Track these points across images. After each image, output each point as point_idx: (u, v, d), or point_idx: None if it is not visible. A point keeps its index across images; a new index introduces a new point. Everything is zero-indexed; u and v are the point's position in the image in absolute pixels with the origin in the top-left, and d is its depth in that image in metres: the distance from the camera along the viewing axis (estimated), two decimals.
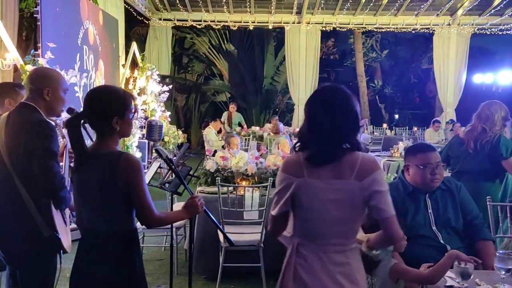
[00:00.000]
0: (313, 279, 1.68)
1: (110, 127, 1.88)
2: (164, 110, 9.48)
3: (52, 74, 2.47)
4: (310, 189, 1.68)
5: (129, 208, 1.88)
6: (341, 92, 1.76)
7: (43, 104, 2.33)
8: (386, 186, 1.69)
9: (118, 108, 1.89)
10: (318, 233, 1.71)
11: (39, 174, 2.14)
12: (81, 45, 6.23)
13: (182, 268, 4.13)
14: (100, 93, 1.97)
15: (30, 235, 2.16)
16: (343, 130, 1.69)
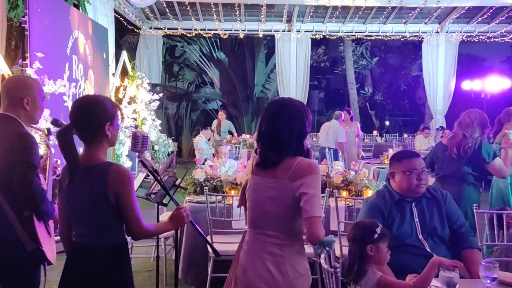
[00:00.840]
0: (249, 262, 1.98)
1: (102, 134, 1.87)
2: (155, 118, 9.45)
3: (30, 82, 2.44)
4: (254, 185, 2.02)
5: (120, 220, 1.86)
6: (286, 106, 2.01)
7: (23, 113, 2.29)
8: (316, 190, 1.88)
9: (108, 114, 1.89)
10: (259, 222, 2.00)
11: (19, 188, 2.11)
12: (70, 55, 6.21)
13: (171, 279, 4.10)
14: (90, 101, 1.96)
15: (12, 249, 2.13)
16: (284, 139, 1.94)
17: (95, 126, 1.87)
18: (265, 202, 1.94)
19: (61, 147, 1.86)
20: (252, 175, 2.03)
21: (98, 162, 1.86)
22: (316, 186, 1.88)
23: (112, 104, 1.95)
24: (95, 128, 1.87)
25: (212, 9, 10.58)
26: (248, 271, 1.97)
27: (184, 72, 15.85)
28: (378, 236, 2.14)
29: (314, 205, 1.85)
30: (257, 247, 1.98)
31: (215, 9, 10.68)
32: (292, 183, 1.88)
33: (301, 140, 1.98)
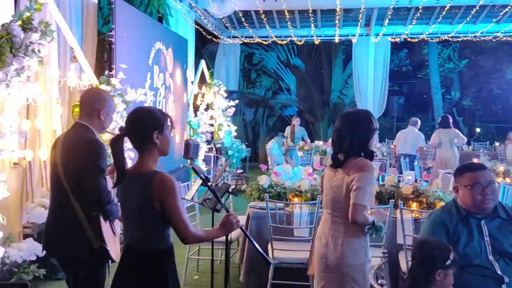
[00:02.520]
0: (320, 233, 2.60)
1: (150, 142, 1.98)
2: (230, 124, 9.74)
3: (106, 95, 2.68)
4: (326, 176, 2.63)
5: (165, 226, 1.97)
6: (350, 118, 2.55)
7: (97, 123, 2.53)
8: (364, 184, 2.36)
9: (157, 123, 2.00)
10: (327, 204, 2.57)
11: (88, 190, 2.33)
12: (151, 65, 6.66)
13: (234, 282, 4.21)
14: (140, 110, 2.09)
15: (81, 246, 2.35)
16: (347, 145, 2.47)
17: (144, 134, 1.99)
18: (331, 189, 2.52)
19: (112, 153, 2.01)
20: (326, 168, 2.66)
21: (147, 170, 1.98)
22: (364, 181, 2.36)
23: (162, 113, 2.05)
24: (144, 136, 1.99)
25: (287, 16, 10.68)
26: (318, 240, 2.59)
27: (262, 78, 16.13)
28: (450, 262, 2.03)
29: (358, 195, 2.34)
30: (325, 223, 2.56)
31: (290, 16, 10.77)
32: (348, 176, 2.41)
33: (364, 145, 2.47)
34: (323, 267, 2.51)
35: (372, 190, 2.60)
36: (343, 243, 2.44)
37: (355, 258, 2.43)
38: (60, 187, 2.40)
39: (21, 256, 3.85)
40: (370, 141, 2.49)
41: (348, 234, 2.45)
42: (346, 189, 2.41)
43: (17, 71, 3.55)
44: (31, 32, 3.63)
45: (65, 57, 5.16)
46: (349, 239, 2.44)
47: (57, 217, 2.47)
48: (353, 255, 2.43)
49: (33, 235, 4.17)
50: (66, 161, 2.41)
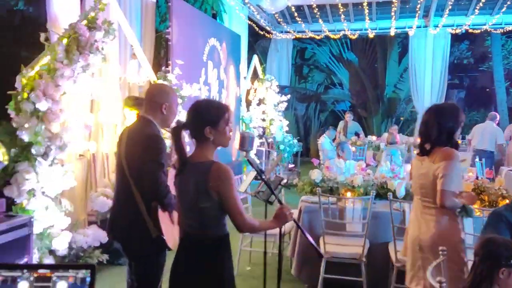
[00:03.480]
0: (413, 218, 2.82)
1: (203, 136, 2.04)
2: (281, 119, 9.76)
3: (168, 90, 2.78)
4: (414, 165, 2.84)
5: (221, 215, 2.03)
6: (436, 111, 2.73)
7: (160, 117, 2.62)
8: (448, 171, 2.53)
9: (210, 118, 2.04)
10: (416, 190, 2.80)
11: (148, 182, 2.43)
12: (206, 61, 6.81)
13: (286, 275, 4.23)
14: (198, 104, 2.13)
15: (141, 234, 2.47)
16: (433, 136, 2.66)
17: (197, 128, 2.05)
18: (418, 177, 2.73)
19: (173, 142, 2.08)
20: (414, 159, 2.88)
21: (204, 160, 2.04)
22: (450, 168, 2.55)
23: (217, 109, 2.08)
24: (197, 130, 2.05)
25: (341, 9, 10.50)
26: (411, 224, 2.82)
27: (314, 73, 15.99)
28: None
29: (445, 181, 2.53)
30: (416, 208, 2.78)
31: (344, 10, 10.57)
32: (434, 164, 2.60)
33: (451, 135, 2.65)
34: (417, 248, 2.70)
35: (460, 177, 2.75)
36: (435, 225, 2.61)
37: (447, 239, 2.55)
38: (124, 177, 2.53)
39: (86, 242, 4.10)
40: (456, 132, 2.67)
41: (439, 217, 2.62)
42: (432, 176, 2.59)
43: (83, 68, 3.76)
44: (95, 31, 3.83)
45: (125, 54, 5.40)
46: (439, 221, 2.61)
47: (120, 205, 2.61)
48: (445, 236, 2.57)
49: (97, 222, 4.42)
50: (129, 153, 2.54)
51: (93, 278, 1.40)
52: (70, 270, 1.41)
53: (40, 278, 1.39)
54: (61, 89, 3.58)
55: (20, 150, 3.43)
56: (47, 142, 3.53)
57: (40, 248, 3.51)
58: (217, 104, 2.13)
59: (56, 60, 3.59)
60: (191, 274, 2.01)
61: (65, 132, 3.71)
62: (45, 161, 3.51)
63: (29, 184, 3.41)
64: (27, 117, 3.42)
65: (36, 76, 3.49)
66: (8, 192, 3.35)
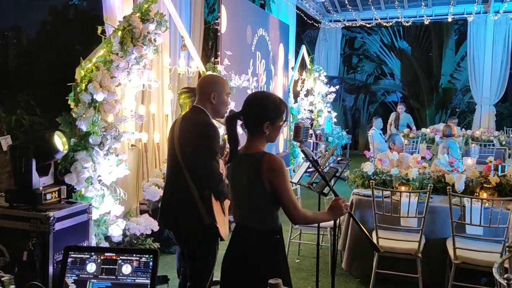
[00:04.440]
0: None
1: (260, 130, 2.02)
2: (330, 110, 9.59)
3: (217, 79, 2.78)
4: None
5: (274, 207, 2.00)
6: None
7: (210, 106, 2.63)
8: None
9: (271, 114, 2.02)
10: None
11: (201, 170, 2.45)
12: (254, 51, 6.79)
13: (336, 268, 4.15)
14: (258, 98, 2.13)
15: (194, 221, 2.49)
16: None
17: (255, 122, 2.03)
18: None
19: (227, 131, 2.08)
20: None
21: (256, 151, 2.02)
22: None
23: (278, 106, 2.06)
24: (255, 123, 2.03)
25: None
26: None
27: (363, 63, 15.56)
28: None
29: None
30: None
31: None
32: None
33: None
34: None
35: None
36: None
37: None
38: (177, 165, 2.56)
39: (138, 230, 4.21)
40: None
41: None
42: None
43: (136, 59, 3.84)
44: (148, 23, 3.90)
45: (175, 45, 5.48)
46: None
47: (173, 193, 2.64)
48: None
49: (148, 211, 4.54)
50: (182, 142, 2.56)
51: (156, 263, 1.43)
52: (134, 255, 1.45)
53: (106, 261, 1.44)
54: (116, 81, 3.68)
55: (79, 140, 3.56)
56: (103, 132, 3.64)
57: (97, 234, 3.65)
58: (278, 101, 2.09)
59: (112, 52, 3.68)
60: (244, 266, 2.00)
61: (120, 122, 3.83)
62: (101, 150, 3.63)
63: (87, 173, 3.54)
64: (85, 108, 3.54)
65: (93, 68, 3.60)
66: (68, 179, 3.49)
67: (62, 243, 2.83)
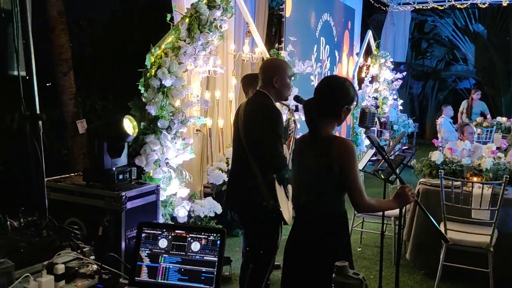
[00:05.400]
0: None
1: (336, 113, 2.02)
2: (397, 98, 9.25)
3: (279, 63, 2.78)
4: None
5: (341, 192, 1.99)
6: None
7: (273, 91, 2.64)
8: None
9: (349, 98, 2.02)
10: None
11: (265, 154, 2.47)
12: (318, 37, 6.68)
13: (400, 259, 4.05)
14: (336, 81, 2.11)
15: (257, 204, 2.53)
16: None
17: (333, 105, 2.02)
18: None
19: (305, 116, 2.08)
20: None
21: (326, 135, 2.01)
22: None
23: (354, 90, 2.06)
24: (333, 107, 2.02)
25: None
26: None
27: (433, 48, 14.75)
28: None
29: None
30: None
31: None
32: None
33: None
34: None
35: None
36: None
37: None
38: (241, 149, 2.61)
39: (203, 212, 4.36)
40: None
41: None
42: None
43: (202, 45, 3.94)
44: (215, 10, 3.96)
45: (240, 31, 5.53)
46: None
47: (238, 177, 2.70)
48: None
49: (212, 194, 4.68)
50: (247, 126, 2.60)
51: (223, 242, 1.48)
52: (203, 233, 1.51)
53: (176, 238, 1.52)
54: (183, 66, 3.80)
55: (148, 123, 3.73)
56: (170, 116, 3.78)
57: (164, 214, 3.82)
58: (352, 84, 2.11)
59: (179, 38, 3.80)
60: (307, 250, 2.01)
61: (186, 107, 3.95)
62: (169, 134, 3.78)
63: (156, 155, 3.71)
64: (154, 93, 3.69)
65: (162, 54, 3.73)
66: (138, 161, 3.68)
67: (133, 221, 3.01)
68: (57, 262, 1.40)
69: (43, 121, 1.75)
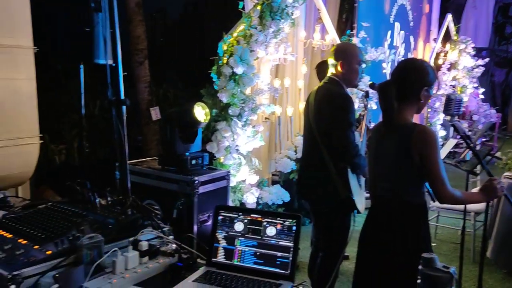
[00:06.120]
0: None
1: (415, 97, 1.92)
2: (477, 86, 8.65)
3: (347, 48, 2.68)
4: None
5: (421, 181, 1.89)
6: None
7: (342, 76, 2.56)
8: None
9: (429, 79, 1.92)
10: None
11: (337, 142, 2.40)
12: (393, 22, 6.39)
13: (479, 256, 3.82)
14: (414, 63, 2.02)
15: (329, 194, 2.48)
16: None
17: (411, 87, 1.92)
18: None
19: (380, 101, 1.99)
20: None
21: (405, 122, 1.92)
22: None
23: (434, 72, 1.95)
24: (410, 89, 1.92)
25: None
26: None
27: None
28: None
29: None
30: None
31: None
32: None
33: None
34: None
35: None
36: None
37: None
38: (312, 137, 2.57)
39: (270, 199, 4.38)
40: None
41: None
42: None
43: (274, 33, 3.92)
44: None
45: (310, 18, 5.43)
46: None
47: (309, 165, 2.67)
48: None
49: (280, 182, 4.68)
50: (317, 113, 2.55)
51: (299, 227, 1.47)
52: (278, 218, 1.50)
53: (252, 222, 1.53)
54: (254, 54, 3.80)
55: (220, 111, 3.80)
56: (241, 104, 3.82)
57: (234, 200, 3.89)
58: (431, 67, 1.99)
59: (251, 26, 3.80)
60: (384, 241, 1.95)
61: (257, 95, 3.97)
62: (239, 121, 3.82)
63: (226, 142, 3.77)
64: (226, 80, 3.74)
65: (234, 42, 3.77)
66: (210, 147, 3.76)
67: (204, 205, 3.09)
68: (140, 239, 1.47)
69: (128, 106, 1.83)
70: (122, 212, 1.58)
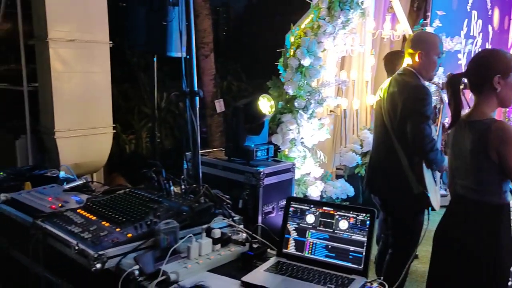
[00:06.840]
0: None
1: (489, 87, 1.79)
2: None
3: (426, 37, 2.53)
4: None
5: (502, 180, 1.77)
6: None
7: (418, 67, 2.41)
8: None
9: (501, 67, 1.78)
10: None
11: (411, 135, 2.29)
12: (470, 11, 6.01)
13: None
14: (486, 52, 1.94)
15: (402, 189, 2.39)
16: None
17: (482, 76, 1.79)
18: None
19: (448, 94, 1.88)
20: None
21: (482, 117, 1.79)
22: None
23: (510, 59, 1.80)
24: (482, 79, 1.80)
25: None
26: None
27: None
28: None
29: None
30: None
31: None
32: None
33: None
34: None
35: None
36: None
37: None
38: (385, 130, 2.48)
39: (335, 193, 4.31)
40: None
41: None
42: None
43: (342, 24, 3.82)
44: None
45: (380, 8, 5.23)
46: None
47: (380, 159, 2.58)
48: None
49: (344, 176, 4.59)
50: (391, 106, 2.45)
51: (373, 222, 1.43)
52: (351, 212, 1.47)
53: (324, 214, 1.51)
54: (322, 46, 3.75)
55: (285, 103, 3.79)
56: (307, 96, 3.78)
57: (297, 193, 3.88)
58: (509, 54, 1.84)
59: (319, 17, 3.74)
60: (461, 241, 1.84)
61: (324, 87, 3.91)
62: (305, 114, 3.79)
63: (291, 134, 3.76)
64: (293, 73, 3.72)
65: (302, 34, 3.73)
66: (275, 140, 3.77)
67: (269, 196, 3.11)
68: (213, 227, 1.50)
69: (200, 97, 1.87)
70: (196, 200, 1.62)
